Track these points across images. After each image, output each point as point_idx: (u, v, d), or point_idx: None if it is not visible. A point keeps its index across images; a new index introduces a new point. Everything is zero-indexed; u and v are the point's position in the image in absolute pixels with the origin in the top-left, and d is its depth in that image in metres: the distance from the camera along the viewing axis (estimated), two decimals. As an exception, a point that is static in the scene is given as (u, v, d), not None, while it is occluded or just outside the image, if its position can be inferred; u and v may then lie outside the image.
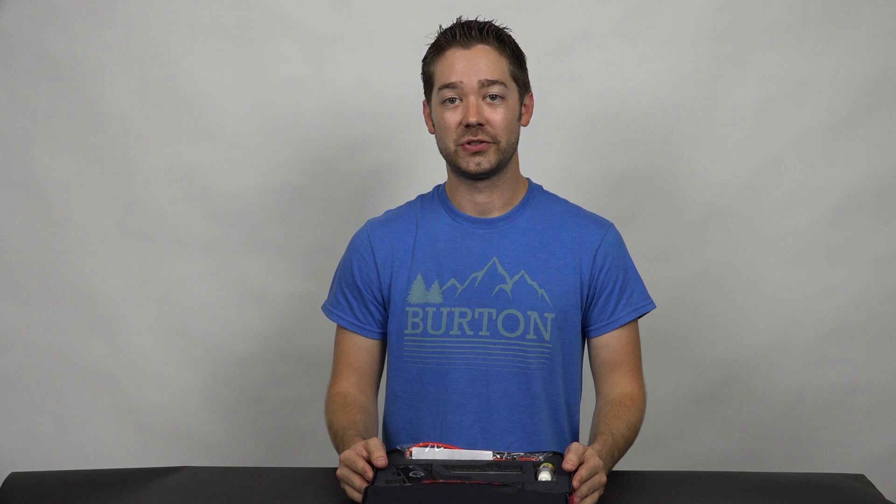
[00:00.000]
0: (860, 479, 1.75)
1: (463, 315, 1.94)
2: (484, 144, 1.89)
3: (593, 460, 1.62)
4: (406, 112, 2.76)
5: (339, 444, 1.86)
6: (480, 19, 1.93)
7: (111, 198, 2.82)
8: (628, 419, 1.89)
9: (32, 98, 2.79)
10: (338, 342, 2.04)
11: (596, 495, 1.62)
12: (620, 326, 1.97)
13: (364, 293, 1.99)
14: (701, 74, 2.80)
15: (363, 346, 2.01)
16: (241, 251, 2.84)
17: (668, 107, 2.80)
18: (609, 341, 1.97)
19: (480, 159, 1.90)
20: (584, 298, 1.97)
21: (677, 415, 2.88)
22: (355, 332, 2.01)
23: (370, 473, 1.61)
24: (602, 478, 1.63)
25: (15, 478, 1.73)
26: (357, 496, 1.61)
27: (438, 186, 2.05)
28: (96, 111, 2.79)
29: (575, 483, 1.58)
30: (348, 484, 1.64)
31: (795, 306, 2.85)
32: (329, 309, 2.05)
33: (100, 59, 2.78)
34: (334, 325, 2.06)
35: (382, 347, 2.04)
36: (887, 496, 1.70)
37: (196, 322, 2.85)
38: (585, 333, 2.01)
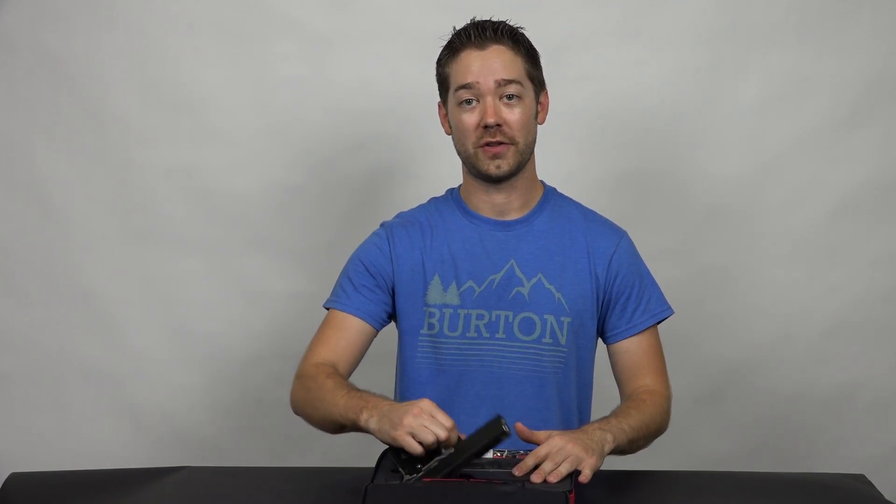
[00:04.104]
0: (860, 479, 1.75)
1: (480, 317, 1.94)
2: (503, 146, 1.89)
3: (553, 440, 1.61)
4: (406, 112, 2.77)
5: (345, 403, 1.77)
6: (493, 19, 1.93)
7: (111, 198, 2.82)
8: (639, 407, 1.87)
9: (32, 98, 2.79)
10: (326, 322, 1.97)
11: (565, 465, 1.59)
12: (639, 332, 1.96)
13: (377, 278, 1.96)
14: (701, 74, 2.80)
15: (357, 329, 1.94)
16: (241, 251, 2.84)
17: (668, 107, 2.80)
18: (629, 347, 1.96)
19: (500, 162, 1.90)
20: (599, 304, 1.96)
21: (677, 414, 2.84)
22: (350, 314, 1.94)
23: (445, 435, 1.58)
24: (566, 448, 1.60)
25: (15, 478, 1.73)
26: (416, 447, 1.57)
27: (452, 189, 2.05)
28: (96, 111, 2.79)
29: (529, 461, 1.58)
30: (424, 429, 1.58)
31: (795, 306, 2.85)
32: (331, 300, 1.98)
33: (100, 59, 2.78)
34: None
35: (369, 338, 1.97)
36: (887, 496, 1.70)
37: (196, 322, 2.85)
38: (604, 340, 2.00)
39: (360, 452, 2.19)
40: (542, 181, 2.04)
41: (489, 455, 1.65)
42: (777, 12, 2.79)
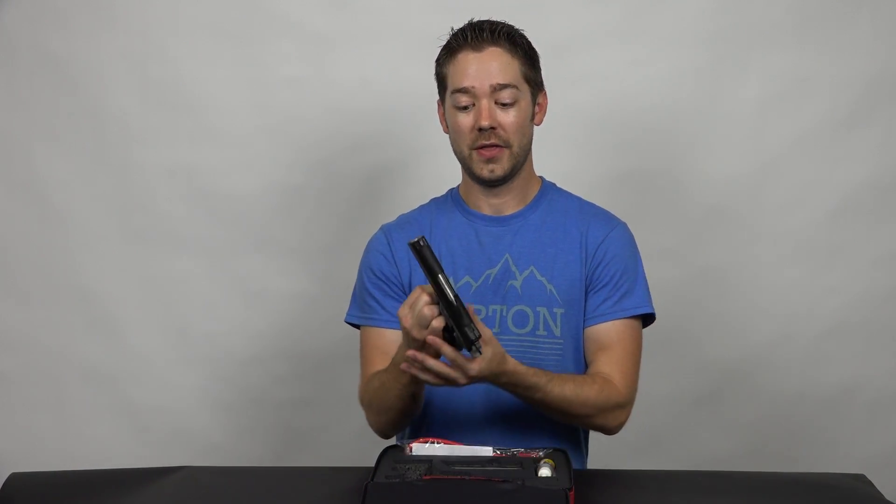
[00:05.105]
0: (860, 479, 1.74)
1: (477, 312, 1.93)
2: (497, 149, 1.90)
3: (459, 376, 1.70)
4: (407, 112, 2.77)
5: (388, 374, 1.83)
6: (493, 19, 1.93)
7: (111, 198, 2.82)
8: (583, 384, 1.84)
9: (32, 98, 2.79)
10: (365, 343, 1.99)
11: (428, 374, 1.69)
12: (608, 322, 1.93)
13: (390, 284, 1.97)
14: (701, 74, 2.80)
15: (393, 340, 1.94)
16: (241, 251, 2.84)
17: (668, 107, 2.80)
18: (595, 334, 1.93)
19: (494, 166, 1.91)
20: (586, 291, 1.96)
21: (677, 414, 2.88)
22: (385, 328, 1.96)
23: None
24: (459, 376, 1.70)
25: (15, 478, 1.73)
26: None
27: (452, 189, 2.06)
28: (96, 111, 2.79)
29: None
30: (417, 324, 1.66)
31: (795, 306, 2.85)
32: (361, 316, 1.99)
33: (100, 59, 2.78)
34: (334, 324, 2.05)
35: None
36: (887, 496, 1.69)
37: (196, 322, 2.85)
38: None
39: (360, 452, 2.19)
40: (541, 177, 2.04)
41: (489, 453, 1.66)
42: (777, 12, 2.79)
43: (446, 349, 1.67)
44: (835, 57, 2.79)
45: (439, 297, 1.64)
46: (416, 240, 1.61)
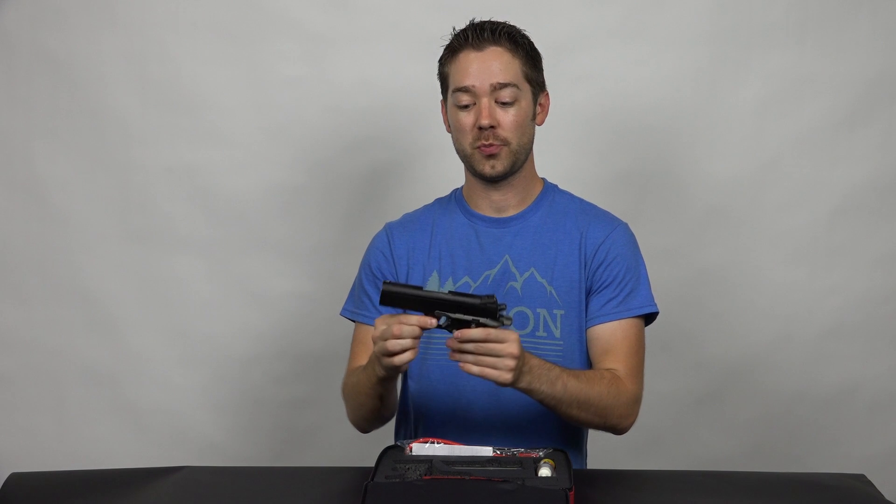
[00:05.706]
0: (860, 479, 1.74)
1: None
2: (495, 147, 1.91)
3: (506, 335, 1.66)
4: (406, 111, 2.77)
5: (363, 372, 1.85)
6: (495, 20, 1.94)
7: (111, 198, 2.82)
8: (592, 379, 1.84)
9: (32, 98, 2.79)
10: (354, 337, 2.02)
11: (487, 370, 1.67)
12: (613, 321, 1.93)
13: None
14: (701, 74, 2.80)
15: None
16: (241, 251, 2.84)
17: (668, 107, 2.80)
18: (600, 334, 1.94)
19: (494, 162, 1.92)
20: (586, 293, 1.96)
21: (677, 414, 2.88)
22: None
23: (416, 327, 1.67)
24: (505, 357, 1.67)
25: (15, 478, 1.73)
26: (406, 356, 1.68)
27: (456, 189, 2.07)
28: (96, 111, 2.79)
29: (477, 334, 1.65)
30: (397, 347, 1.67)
31: (795, 306, 2.85)
32: (354, 311, 2.03)
33: (100, 59, 2.78)
34: (334, 324, 2.06)
35: None
36: (887, 496, 1.70)
37: (196, 322, 2.85)
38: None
39: (360, 452, 2.19)
40: (543, 178, 2.05)
41: (489, 453, 1.66)
42: (777, 12, 2.79)
43: (474, 332, 1.66)
44: (835, 57, 2.79)
45: (440, 307, 1.63)
46: (380, 290, 1.66)
